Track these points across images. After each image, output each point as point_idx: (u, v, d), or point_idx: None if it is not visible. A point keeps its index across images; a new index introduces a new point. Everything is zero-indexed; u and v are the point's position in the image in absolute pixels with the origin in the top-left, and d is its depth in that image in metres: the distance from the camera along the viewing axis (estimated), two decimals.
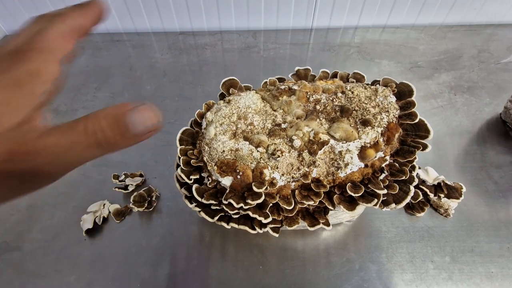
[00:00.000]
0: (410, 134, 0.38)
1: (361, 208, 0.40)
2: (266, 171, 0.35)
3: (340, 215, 0.45)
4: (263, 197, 0.34)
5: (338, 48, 0.87)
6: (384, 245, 0.48)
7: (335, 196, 0.36)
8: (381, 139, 0.36)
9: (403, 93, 0.40)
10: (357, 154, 0.36)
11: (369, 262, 0.46)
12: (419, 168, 0.55)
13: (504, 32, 0.89)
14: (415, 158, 0.37)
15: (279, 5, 0.88)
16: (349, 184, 0.36)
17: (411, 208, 0.51)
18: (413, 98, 0.39)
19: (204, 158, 0.37)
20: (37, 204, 0.54)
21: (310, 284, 0.44)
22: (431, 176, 0.54)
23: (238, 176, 0.35)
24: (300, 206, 0.36)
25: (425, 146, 0.36)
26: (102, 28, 0.93)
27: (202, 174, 0.39)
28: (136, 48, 0.89)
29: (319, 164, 0.36)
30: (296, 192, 0.36)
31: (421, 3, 0.88)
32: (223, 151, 0.36)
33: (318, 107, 0.39)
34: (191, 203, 0.38)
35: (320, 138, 0.35)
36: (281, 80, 0.47)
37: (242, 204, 0.34)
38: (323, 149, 0.36)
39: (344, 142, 0.36)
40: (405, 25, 0.94)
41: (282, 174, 0.36)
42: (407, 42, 0.88)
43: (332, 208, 0.36)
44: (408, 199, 0.35)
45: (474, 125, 0.65)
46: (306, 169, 0.36)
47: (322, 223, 0.37)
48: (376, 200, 0.34)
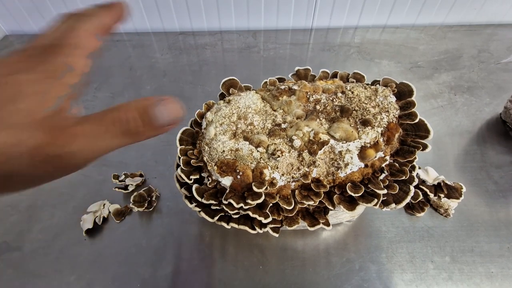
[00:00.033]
0: (410, 134, 0.38)
1: (361, 208, 0.40)
2: (266, 171, 0.35)
3: (340, 215, 0.45)
4: (263, 197, 0.34)
5: (338, 48, 0.87)
6: (384, 245, 0.48)
7: (335, 196, 0.36)
8: (381, 139, 0.36)
9: (403, 93, 0.40)
10: (357, 154, 0.36)
11: (369, 262, 0.46)
12: (419, 168, 0.55)
13: (504, 32, 0.89)
14: (415, 158, 0.37)
15: (279, 5, 0.88)
16: (349, 184, 0.36)
17: (411, 208, 0.51)
18: (413, 98, 0.39)
19: (204, 158, 0.37)
20: (37, 204, 0.54)
21: (310, 284, 0.44)
22: (431, 176, 0.54)
23: (238, 176, 0.35)
24: (300, 206, 0.36)
25: (425, 146, 0.36)
26: None
27: (202, 174, 0.39)
28: (136, 48, 0.89)
29: (319, 164, 0.36)
30: (296, 192, 0.36)
31: (421, 3, 0.88)
32: (223, 151, 0.36)
33: (318, 107, 0.39)
34: (191, 203, 0.38)
35: (320, 138, 0.35)
36: (281, 80, 0.47)
37: (242, 204, 0.34)
38: (323, 149, 0.36)
39: (344, 142, 0.36)
40: (405, 25, 0.94)
41: (282, 174, 0.36)
42: (407, 42, 0.88)
43: (332, 208, 0.36)
44: (408, 199, 0.35)
45: (474, 125, 0.65)
46: (306, 169, 0.36)
47: (322, 223, 0.37)
48: (376, 200, 0.34)
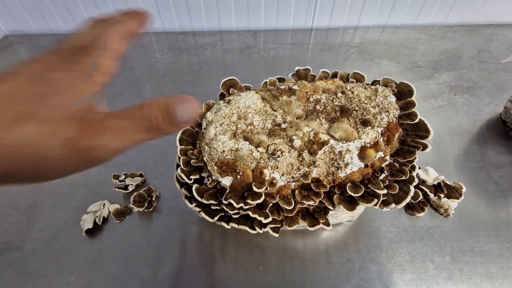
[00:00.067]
0: (410, 134, 0.38)
1: (361, 208, 0.40)
2: (266, 171, 0.35)
3: (340, 215, 0.45)
4: (263, 197, 0.34)
5: (338, 48, 0.87)
6: (384, 245, 0.48)
7: (335, 196, 0.36)
8: (381, 139, 0.36)
9: (403, 93, 0.40)
10: (357, 154, 0.36)
11: (369, 262, 0.46)
12: (419, 168, 0.55)
13: (504, 32, 0.89)
14: (415, 158, 0.37)
15: (279, 5, 0.88)
16: (349, 184, 0.36)
17: (411, 208, 0.51)
18: (413, 98, 0.39)
19: (204, 158, 0.37)
20: (37, 204, 0.54)
21: (310, 284, 0.44)
22: (431, 176, 0.54)
23: (238, 176, 0.35)
24: (300, 206, 0.36)
25: (425, 146, 0.36)
26: None
27: (202, 174, 0.39)
28: (136, 48, 0.89)
29: (319, 164, 0.36)
30: (296, 192, 0.36)
31: (421, 3, 0.88)
32: (223, 151, 0.36)
33: (318, 107, 0.39)
34: (191, 203, 0.38)
35: (320, 138, 0.35)
36: (281, 80, 0.47)
37: (242, 204, 0.34)
38: (323, 149, 0.36)
39: (344, 142, 0.36)
40: (405, 25, 0.94)
41: (282, 174, 0.36)
42: (407, 42, 0.88)
43: (332, 208, 0.36)
44: (408, 199, 0.35)
45: (474, 125, 0.65)
46: (306, 169, 0.36)
47: (322, 223, 0.37)
48: (376, 200, 0.34)
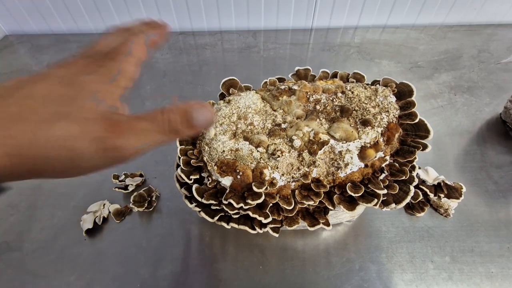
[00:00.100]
0: (410, 134, 0.38)
1: (361, 208, 0.40)
2: (266, 171, 0.35)
3: (340, 215, 0.45)
4: (263, 197, 0.34)
5: (338, 48, 0.87)
6: (384, 245, 0.48)
7: (335, 196, 0.36)
8: (381, 139, 0.36)
9: (403, 93, 0.40)
10: (357, 154, 0.36)
11: (369, 262, 0.46)
12: (419, 168, 0.55)
13: (504, 32, 0.89)
14: (415, 158, 0.37)
15: (279, 5, 0.88)
16: (349, 184, 0.36)
17: (411, 208, 0.51)
18: (413, 98, 0.39)
19: (204, 158, 0.37)
20: (37, 204, 0.54)
21: (310, 284, 0.44)
22: (431, 176, 0.54)
23: (238, 176, 0.35)
24: (300, 206, 0.36)
25: (425, 146, 0.36)
26: (102, 28, 0.93)
27: (202, 174, 0.39)
28: None
29: (319, 164, 0.36)
30: (296, 192, 0.36)
31: (421, 3, 0.88)
32: (223, 151, 0.36)
33: (318, 107, 0.39)
34: (191, 203, 0.38)
35: (320, 138, 0.35)
36: (281, 80, 0.47)
37: (242, 204, 0.34)
38: (323, 149, 0.36)
39: (344, 142, 0.36)
40: (405, 25, 0.94)
41: (282, 174, 0.36)
42: (407, 42, 0.88)
43: (332, 208, 0.36)
44: (408, 199, 0.35)
45: (474, 125, 0.65)
46: (306, 169, 0.36)
47: (322, 223, 0.37)
48: (376, 200, 0.34)
